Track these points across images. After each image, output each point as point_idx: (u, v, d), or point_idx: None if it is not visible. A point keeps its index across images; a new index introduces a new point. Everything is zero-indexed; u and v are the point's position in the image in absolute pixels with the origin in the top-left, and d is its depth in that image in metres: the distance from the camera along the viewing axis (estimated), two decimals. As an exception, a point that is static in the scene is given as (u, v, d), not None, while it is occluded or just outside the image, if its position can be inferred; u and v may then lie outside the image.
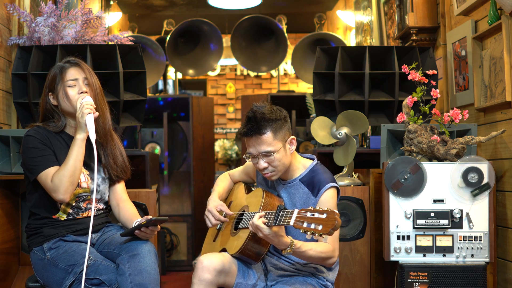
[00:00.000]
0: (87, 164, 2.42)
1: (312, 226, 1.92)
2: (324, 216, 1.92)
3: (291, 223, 1.97)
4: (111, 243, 2.36)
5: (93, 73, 2.46)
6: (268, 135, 2.22)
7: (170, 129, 5.22)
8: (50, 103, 2.44)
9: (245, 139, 2.28)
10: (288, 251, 2.10)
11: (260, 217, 2.09)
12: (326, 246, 2.19)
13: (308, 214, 1.95)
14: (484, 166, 2.56)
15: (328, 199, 2.26)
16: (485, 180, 2.55)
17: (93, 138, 2.31)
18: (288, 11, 6.83)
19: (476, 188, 2.55)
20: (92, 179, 2.43)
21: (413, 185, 2.59)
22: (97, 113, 2.35)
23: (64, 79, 2.39)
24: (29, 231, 2.41)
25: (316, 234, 1.92)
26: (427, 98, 2.79)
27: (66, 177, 2.28)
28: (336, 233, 2.25)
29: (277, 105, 2.31)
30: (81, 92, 2.38)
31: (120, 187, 2.55)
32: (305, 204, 2.29)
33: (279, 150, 2.24)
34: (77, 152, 2.32)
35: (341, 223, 1.93)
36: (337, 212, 1.94)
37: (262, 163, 2.26)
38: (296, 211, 1.98)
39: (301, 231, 1.95)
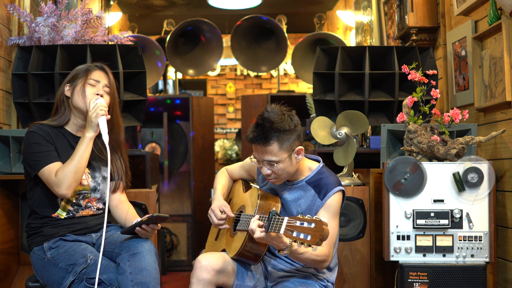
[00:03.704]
0: (89, 162, 2.43)
1: (301, 236, 1.91)
2: (313, 226, 1.91)
3: (281, 231, 1.96)
4: (111, 242, 2.36)
5: (114, 83, 2.51)
6: (273, 146, 2.19)
7: (170, 129, 5.22)
8: (63, 93, 2.47)
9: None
10: (286, 252, 2.08)
11: (259, 226, 2.08)
12: (321, 250, 2.19)
13: (298, 223, 1.93)
14: (484, 166, 2.56)
15: (333, 203, 2.26)
16: (485, 180, 2.55)
17: (106, 139, 2.35)
18: (288, 11, 6.83)
19: (460, 181, 2.55)
20: (93, 177, 2.45)
21: (413, 185, 2.59)
22: (109, 116, 2.40)
23: (87, 77, 2.44)
24: (29, 231, 2.42)
25: (305, 244, 1.91)
26: (427, 98, 2.79)
27: (71, 173, 2.30)
28: (334, 237, 2.25)
29: (290, 109, 2.27)
30: (97, 94, 2.42)
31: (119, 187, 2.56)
32: (311, 206, 2.29)
33: (284, 161, 2.21)
34: (84, 149, 2.35)
35: (328, 234, 1.92)
36: (325, 221, 1.92)
37: (266, 170, 2.25)
38: (285, 219, 1.96)
39: (291, 240, 1.95)
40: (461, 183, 2.55)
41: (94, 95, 2.41)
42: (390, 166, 2.60)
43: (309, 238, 1.90)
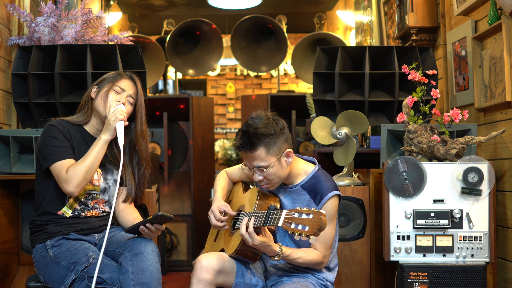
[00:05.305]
0: (103, 163, 2.45)
1: (300, 227, 1.95)
2: (311, 216, 1.95)
3: (280, 224, 1.99)
4: (113, 242, 2.37)
5: (142, 96, 2.52)
6: (260, 151, 2.20)
7: (170, 129, 5.21)
8: (89, 94, 2.50)
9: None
10: (277, 258, 2.16)
11: (247, 224, 2.12)
12: (316, 255, 2.23)
13: (296, 215, 1.98)
14: (484, 166, 2.56)
15: (329, 209, 2.26)
16: (485, 180, 2.55)
17: (121, 143, 2.37)
18: (288, 11, 6.83)
19: (469, 188, 2.55)
20: (105, 179, 2.47)
21: (413, 185, 2.59)
22: (127, 122, 2.42)
23: (114, 83, 2.46)
24: (33, 228, 2.42)
25: (303, 235, 1.95)
26: (427, 98, 2.79)
27: (82, 171, 2.31)
28: (329, 241, 2.27)
29: (276, 114, 2.28)
30: (119, 101, 2.44)
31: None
32: None
33: (273, 165, 2.22)
34: (98, 151, 2.37)
35: (326, 224, 1.96)
36: (323, 212, 1.97)
37: (257, 176, 2.27)
38: (284, 211, 2.00)
39: (289, 232, 1.98)
40: (473, 191, 2.55)
41: (116, 102, 2.43)
42: (390, 166, 2.60)
43: (307, 228, 1.94)
